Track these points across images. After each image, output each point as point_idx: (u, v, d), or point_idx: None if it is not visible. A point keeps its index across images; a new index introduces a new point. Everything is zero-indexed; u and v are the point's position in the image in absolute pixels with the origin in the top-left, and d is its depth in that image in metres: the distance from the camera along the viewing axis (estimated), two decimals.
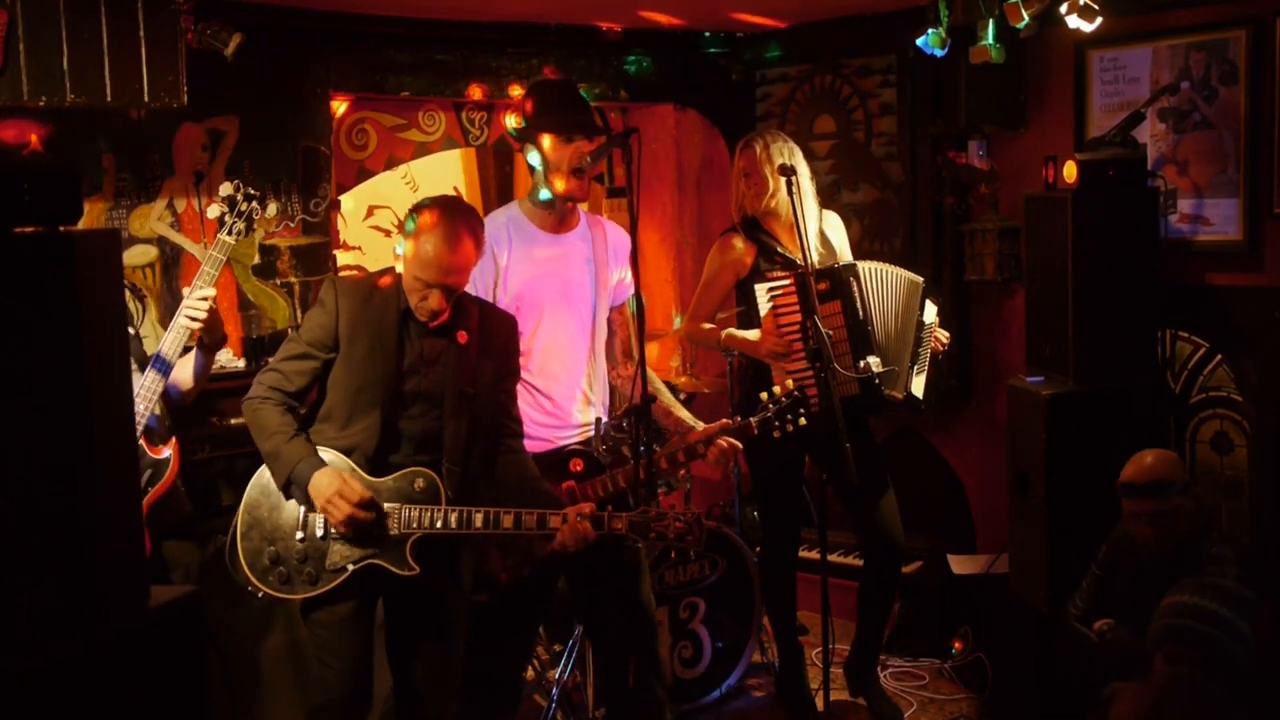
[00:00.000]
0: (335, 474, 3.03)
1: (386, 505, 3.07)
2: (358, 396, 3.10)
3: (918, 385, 4.24)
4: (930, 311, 4.24)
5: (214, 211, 3.63)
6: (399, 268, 3.13)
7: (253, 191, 3.57)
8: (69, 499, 2.16)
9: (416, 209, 3.13)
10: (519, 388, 3.50)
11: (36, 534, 2.15)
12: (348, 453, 3.11)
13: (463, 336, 3.16)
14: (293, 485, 3.06)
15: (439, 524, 3.07)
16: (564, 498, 3.38)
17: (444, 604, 3.21)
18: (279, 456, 3.06)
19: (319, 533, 3.07)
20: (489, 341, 3.22)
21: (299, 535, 3.07)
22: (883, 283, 4.19)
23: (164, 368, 3.47)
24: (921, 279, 4.25)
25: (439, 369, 3.14)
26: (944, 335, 4.30)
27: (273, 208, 3.66)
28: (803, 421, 3.41)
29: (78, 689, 2.16)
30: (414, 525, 3.07)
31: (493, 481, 3.29)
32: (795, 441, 3.53)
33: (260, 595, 3.11)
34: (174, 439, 3.56)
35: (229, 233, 3.55)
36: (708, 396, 5.41)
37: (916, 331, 4.20)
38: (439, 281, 3.05)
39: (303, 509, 3.08)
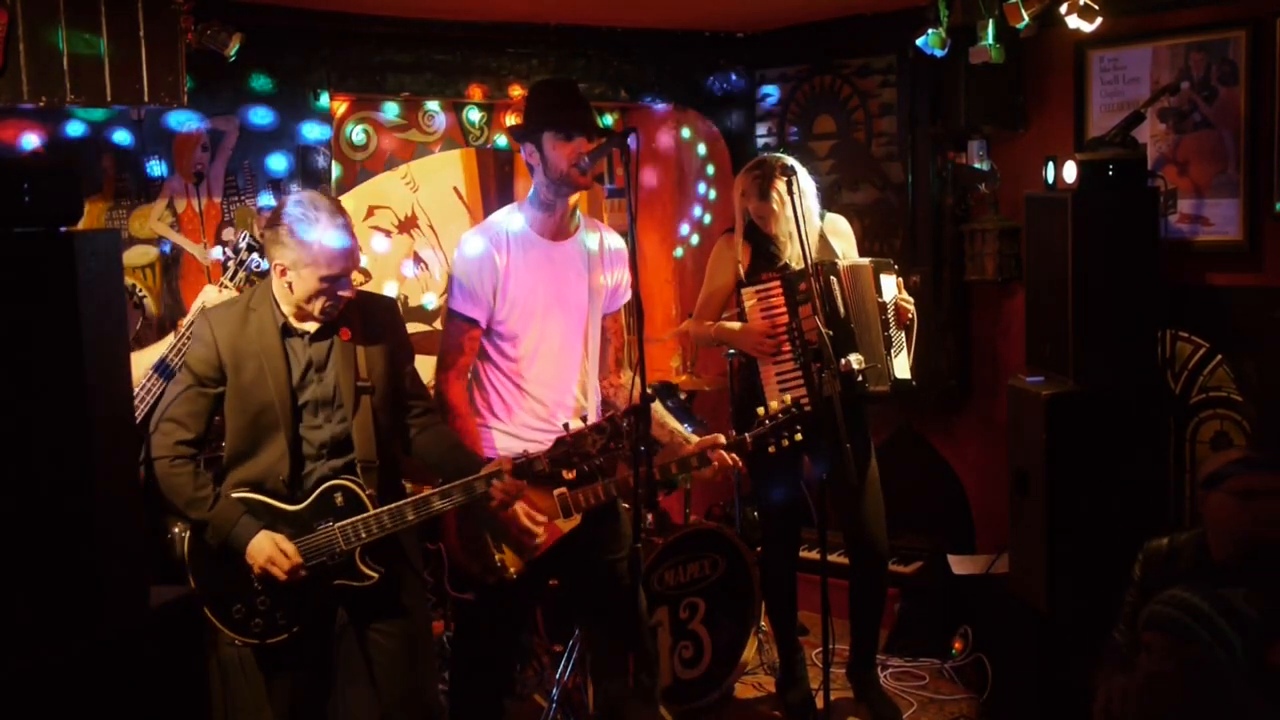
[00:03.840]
0: (269, 540, 3.04)
1: (320, 527, 3.10)
2: (258, 420, 3.11)
3: (900, 368, 4.23)
4: (889, 286, 4.22)
5: (217, 253, 3.65)
6: (287, 279, 3.07)
7: (255, 243, 3.60)
8: (69, 498, 2.16)
9: (280, 218, 3.07)
10: (515, 391, 3.50)
11: (36, 534, 2.15)
12: (262, 482, 3.11)
13: (345, 333, 3.17)
14: (230, 549, 3.07)
15: (375, 529, 3.10)
16: (556, 504, 3.38)
17: (399, 585, 3.23)
18: (208, 525, 3.07)
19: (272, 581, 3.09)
20: (372, 329, 3.22)
21: (256, 585, 3.09)
22: (854, 278, 4.20)
23: (167, 374, 3.48)
24: (869, 260, 4.24)
25: (330, 372, 3.15)
26: (907, 301, 4.26)
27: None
28: (799, 437, 3.42)
29: (78, 689, 2.16)
30: (352, 539, 3.09)
31: (415, 459, 3.32)
32: (794, 441, 3.53)
33: (243, 645, 3.15)
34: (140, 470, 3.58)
35: (230, 278, 3.60)
36: (708, 395, 5.41)
37: (880, 314, 4.19)
38: (345, 269, 3.06)
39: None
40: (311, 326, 3.15)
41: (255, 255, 3.60)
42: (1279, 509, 3.28)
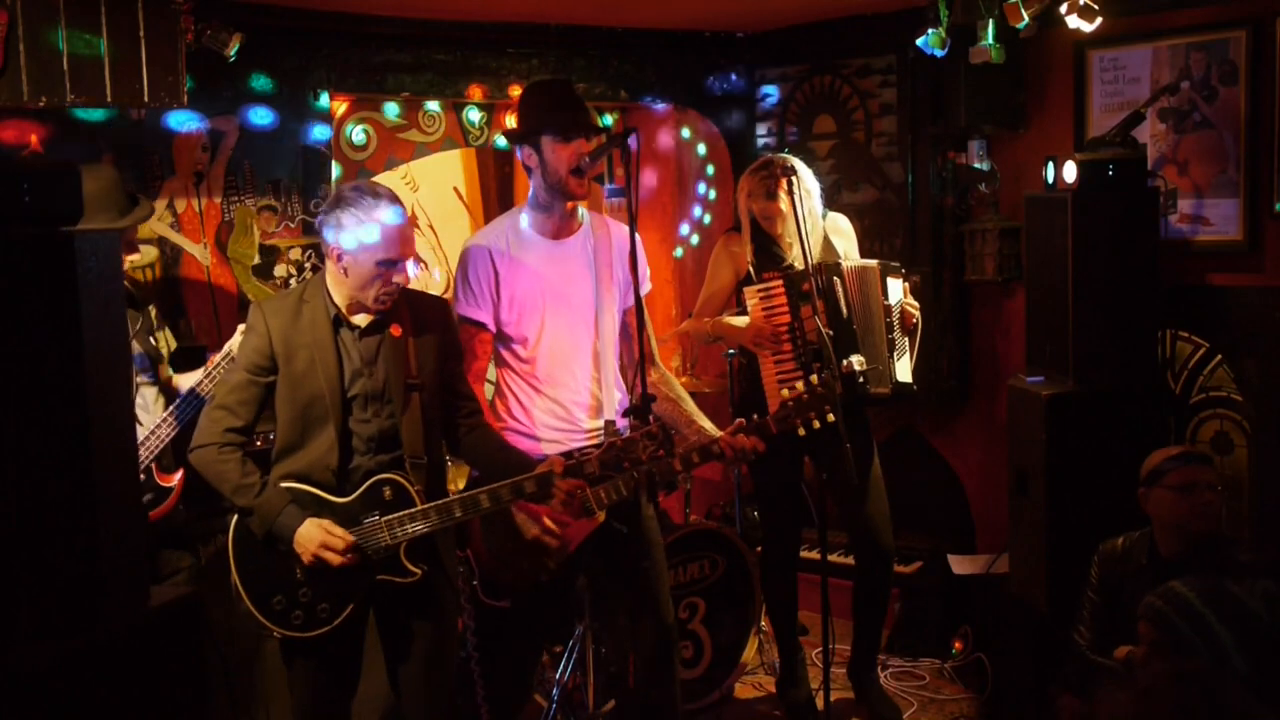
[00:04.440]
0: (317, 526, 3.04)
1: (366, 520, 3.10)
2: (308, 411, 3.12)
3: (903, 371, 4.23)
4: (895, 289, 4.21)
5: (281, 271, 3.68)
6: (341, 265, 3.09)
7: (320, 265, 3.62)
8: (70, 498, 2.17)
9: (335, 204, 3.09)
10: (531, 392, 3.49)
11: (38, 534, 2.15)
12: (309, 474, 3.11)
13: (396, 330, 3.18)
14: (275, 538, 3.08)
15: (421, 524, 3.10)
16: (576, 504, 3.37)
17: (430, 587, 3.22)
18: (254, 512, 3.08)
19: (318, 570, 3.09)
20: (423, 328, 3.23)
21: (298, 576, 3.09)
22: (859, 280, 4.20)
23: (197, 405, 3.50)
24: (876, 261, 4.24)
25: (381, 367, 3.16)
26: (913, 306, 4.26)
27: (242, 273, 3.73)
28: (830, 418, 3.34)
29: (78, 689, 2.16)
30: (399, 533, 3.09)
31: (460, 459, 3.35)
32: (796, 441, 3.52)
33: (283, 638, 3.14)
34: (181, 470, 3.61)
35: None
36: (708, 396, 5.41)
37: (885, 318, 4.18)
38: (403, 254, 3.07)
39: (294, 555, 3.09)
40: (363, 320, 3.16)
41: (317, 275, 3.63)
42: (1215, 500, 3.33)
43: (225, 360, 3.55)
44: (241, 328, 3.56)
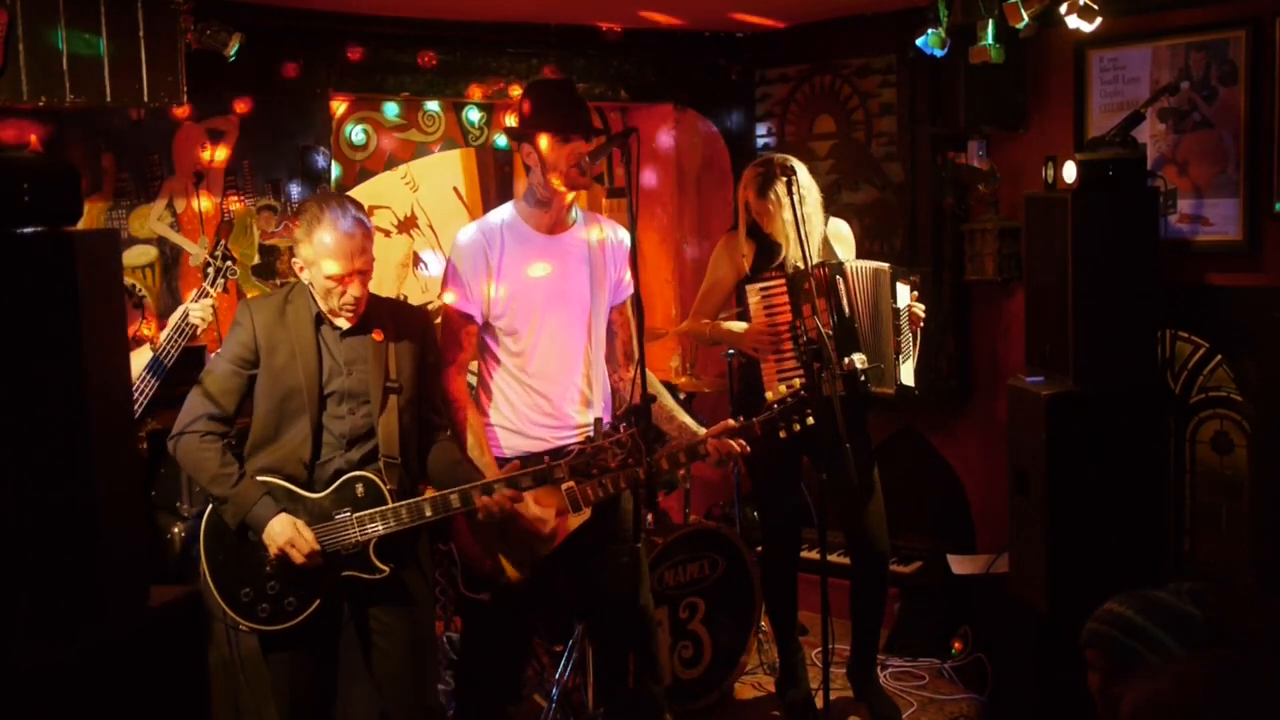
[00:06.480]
0: (288, 522, 3.10)
1: (337, 515, 3.15)
2: (284, 405, 3.18)
3: (907, 374, 4.23)
4: (903, 294, 4.21)
5: (196, 260, 3.85)
6: (304, 278, 3.20)
7: (228, 257, 3.71)
8: (69, 498, 2.16)
9: (295, 216, 3.22)
10: (518, 387, 3.50)
11: (37, 534, 2.15)
12: (282, 466, 3.16)
13: (378, 334, 3.25)
14: (248, 529, 3.13)
15: (392, 522, 3.15)
16: (565, 499, 3.38)
17: (406, 586, 3.27)
18: (229, 501, 3.12)
19: (285, 565, 3.13)
20: (404, 335, 3.30)
21: (267, 569, 3.14)
22: (863, 280, 4.20)
23: (160, 371, 3.51)
24: (888, 265, 4.24)
25: (360, 368, 3.22)
26: (920, 309, 4.26)
27: (241, 273, 3.78)
28: (810, 421, 3.41)
29: (78, 689, 2.16)
30: (369, 530, 3.14)
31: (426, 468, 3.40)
32: (795, 441, 3.53)
33: (249, 631, 3.19)
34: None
35: (211, 284, 3.68)
36: (708, 396, 5.41)
37: (894, 320, 4.19)
38: (351, 269, 3.12)
39: (264, 549, 3.13)
40: (344, 323, 3.22)
41: (230, 263, 3.67)
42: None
43: (174, 333, 3.57)
44: (184, 305, 3.62)
